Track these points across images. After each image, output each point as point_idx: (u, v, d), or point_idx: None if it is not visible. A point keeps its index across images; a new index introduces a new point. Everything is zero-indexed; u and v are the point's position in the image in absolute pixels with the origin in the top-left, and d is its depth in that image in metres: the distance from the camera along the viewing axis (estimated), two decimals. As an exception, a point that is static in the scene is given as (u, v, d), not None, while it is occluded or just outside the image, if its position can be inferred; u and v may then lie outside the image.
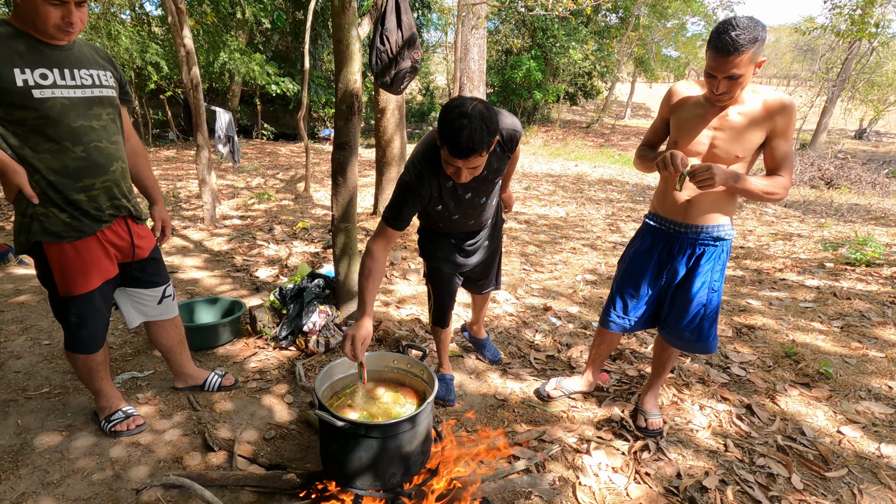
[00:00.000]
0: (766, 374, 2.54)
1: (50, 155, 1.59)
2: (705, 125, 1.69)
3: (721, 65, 1.50)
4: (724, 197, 1.75)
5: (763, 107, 1.62)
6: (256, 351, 2.69)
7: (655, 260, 1.92)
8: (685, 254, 1.84)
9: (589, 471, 1.86)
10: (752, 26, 1.45)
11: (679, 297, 1.88)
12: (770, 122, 1.62)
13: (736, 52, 1.46)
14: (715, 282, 1.83)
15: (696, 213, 1.78)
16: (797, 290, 3.72)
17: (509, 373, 2.57)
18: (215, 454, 1.90)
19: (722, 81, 1.54)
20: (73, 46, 1.62)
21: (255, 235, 4.96)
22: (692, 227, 1.80)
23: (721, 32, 1.48)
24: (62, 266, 1.68)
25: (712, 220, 1.78)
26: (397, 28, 2.56)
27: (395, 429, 1.42)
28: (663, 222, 1.89)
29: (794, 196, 8.88)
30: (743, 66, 1.49)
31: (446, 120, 1.47)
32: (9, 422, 2.03)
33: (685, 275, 1.86)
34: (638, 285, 1.97)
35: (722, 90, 1.57)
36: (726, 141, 1.67)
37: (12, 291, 3.36)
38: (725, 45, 1.46)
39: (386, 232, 1.76)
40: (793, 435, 2.08)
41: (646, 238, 1.95)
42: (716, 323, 1.89)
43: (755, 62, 1.52)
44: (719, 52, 1.49)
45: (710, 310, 1.85)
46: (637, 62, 22.70)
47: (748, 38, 1.45)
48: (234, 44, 10.96)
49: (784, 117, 1.61)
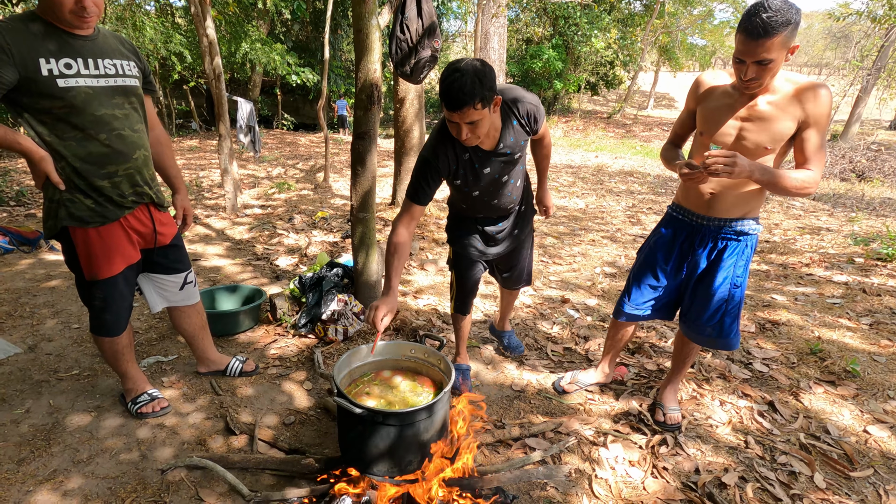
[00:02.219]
0: (789, 370, 2.49)
1: (75, 142, 1.63)
2: (732, 115, 1.62)
3: (751, 48, 1.43)
4: (750, 191, 1.69)
5: (794, 93, 1.53)
6: (276, 338, 2.73)
7: (677, 251, 1.88)
8: (706, 246, 1.80)
9: (605, 464, 1.85)
10: (785, 8, 1.38)
11: (700, 291, 1.84)
12: (801, 109, 1.53)
13: (766, 35, 1.38)
14: (738, 277, 1.78)
15: (720, 207, 1.73)
16: (824, 286, 3.62)
17: (526, 364, 2.57)
18: (237, 437, 1.95)
19: (751, 66, 1.47)
20: (97, 36, 1.65)
21: (275, 225, 5.03)
22: (715, 220, 1.75)
23: (752, 14, 1.40)
24: (87, 250, 1.73)
25: (737, 213, 1.72)
26: (417, 17, 2.54)
27: (412, 417, 1.43)
28: (686, 214, 1.84)
29: (824, 189, 8.61)
30: (774, 50, 1.41)
31: (442, 77, 1.54)
32: (42, 401, 2.11)
33: (706, 268, 1.81)
34: (656, 275, 1.94)
35: (751, 76, 1.48)
36: (754, 131, 1.59)
37: (44, 276, 3.48)
38: (756, 27, 1.39)
39: (409, 208, 1.80)
40: (816, 433, 2.03)
41: (668, 228, 1.91)
42: (738, 319, 1.85)
43: (787, 47, 1.43)
44: (749, 34, 1.41)
45: (731, 305, 1.81)
46: (661, 51, 22.18)
47: (781, 21, 1.37)
48: (256, 34, 11.05)
49: (816, 104, 1.51)
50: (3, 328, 2.73)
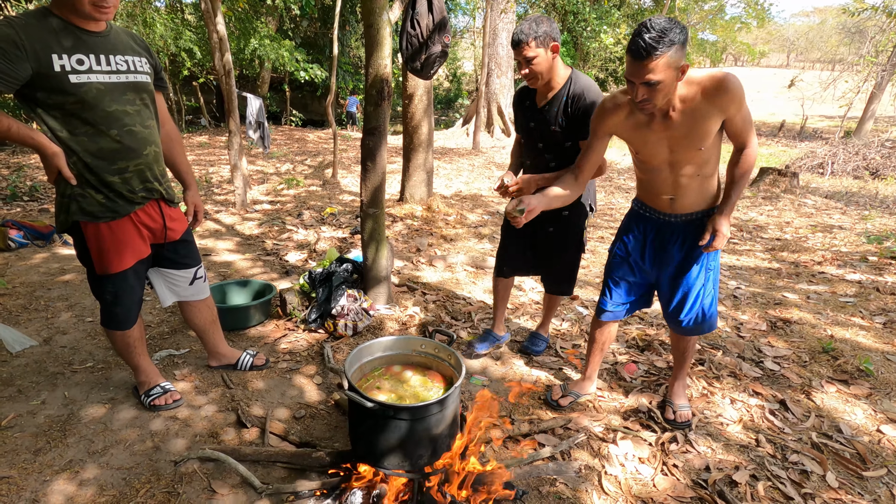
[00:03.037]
0: (801, 369, 2.47)
1: (86, 138, 1.64)
2: (654, 134, 1.65)
3: (636, 70, 1.44)
4: (707, 187, 1.75)
5: (703, 95, 1.53)
6: (286, 333, 2.75)
7: (649, 248, 1.92)
8: (677, 241, 1.84)
9: (615, 460, 1.85)
10: (668, 28, 1.38)
11: (679, 285, 1.87)
12: (714, 106, 1.53)
13: (649, 56, 1.39)
14: (711, 262, 1.85)
15: (682, 206, 1.78)
16: (837, 284, 3.58)
17: (535, 360, 2.57)
18: (248, 430, 1.96)
19: (640, 87, 1.47)
20: (109, 32, 1.67)
21: (284, 220, 5.05)
22: (681, 216, 1.81)
23: (636, 35, 1.41)
24: (98, 245, 1.75)
25: (701, 206, 1.78)
26: (428, 12, 2.53)
27: (423, 411, 1.44)
28: (652, 212, 1.88)
29: (836, 187, 8.50)
30: (659, 71, 1.41)
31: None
32: (57, 393, 2.14)
33: (681, 261, 1.86)
34: (632, 270, 1.98)
35: (641, 97, 1.49)
36: (682, 143, 1.62)
37: (58, 270, 3.52)
38: (639, 48, 1.39)
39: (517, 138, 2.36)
40: (829, 432, 2.01)
41: (637, 225, 1.94)
42: (716, 299, 1.91)
43: (675, 67, 1.43)
44: (634, 56, 1.42)
45: (709, 291, 1.87)
46: (671, 46, 21.91)
47: (663, 42, 1.37)
48: (264, 30, 11.08)
49: (726, 96, 1.51)
50: (20, 321, 2.77)
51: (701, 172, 1.69)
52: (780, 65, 42.91)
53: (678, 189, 1.74)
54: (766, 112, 22.33)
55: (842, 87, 14.91)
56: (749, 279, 3.79)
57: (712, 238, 1.71)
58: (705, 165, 1.68)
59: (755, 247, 4.80)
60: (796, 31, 41.81)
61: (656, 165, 1.72)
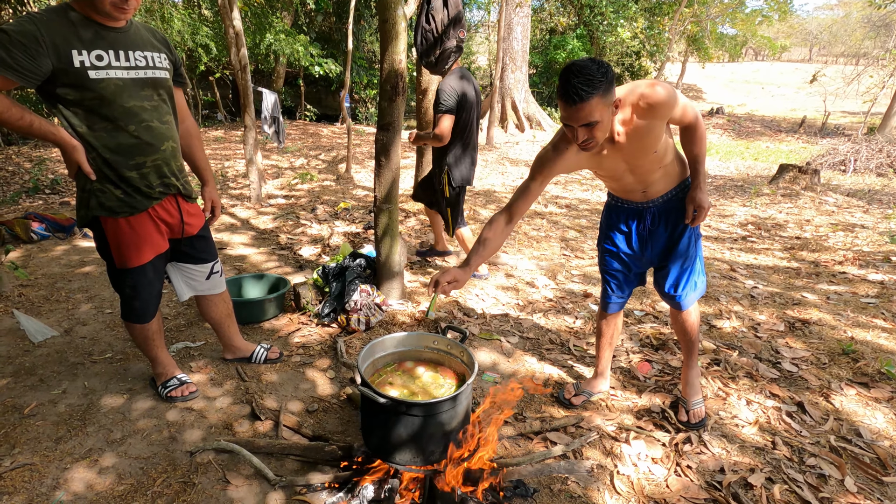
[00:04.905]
0: (820, 371, 2.42)
1: (105, 133, 1.66)
2: (606, 158, 1.68)
3: (572, 114, 1.44)
4: (670, 165, 1.77)
5: (639, 116, 1.55)
6: (300, 326, 2.78)
7: (635, 237, 1.94)
8: (660, 221, 1.88)
9: (627, 460, 1.83)
10: (594, 69, 1.38)
11: (674, 259, 1.90)
12: (653, 119, 1.56)
13: (582, 99, 1.39)
14: (695, 229, 1.89)
15: (654, 193, 1.83)
16: (858, 285, 3.51)
17: (547, 357, 2.55)
18: (262, 423, 1.99)
19: (579, 130, 1.47)
20: (129, 28, 1.68)
21: (298, 215, 5.09)
22: (657, 200, 1.85)
23: (564, 81, 1.40)
24: (117, 240, 1.78)
25: (673, 184, 1.83)
26: (443, 6, 2.52)
27: (436, 407, 1.44)
28: (628, 203, 1.91)
29: (858, 184, 8.31)
30: (596, 112, 1.42)
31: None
32: (77, 383, 2.19)
33: (669, 237, 1.89)
34: (626, 265, 2.01)
35: (583, 138, 1.49)
36: (634, 154, 1.66)
37: (78, 262, 3.59)
38: (569, 94, 1.39)
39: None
40: (847, 436, 1.98)
41: (619, 217, 1.96)
42: (702, 261, 1.97)
43: (609, 104, 1.45)
44: (566, 101, 1.42)
45: (697, 256, 1.92)
46: (690, 41, 21.56)
47: (592, 84, 1.37)
48: (280, 25, 11.12)
49: (661, 109, 1.53)
50: (41, 311, 2.83)
51: (662, 164, 1.74)
52: (801, 59, 41.92)
53: (646, 183, 1.80)
54: (786, 108, 21.87)
55: (866, 83, 14.53)
56: (767, 278, 3.73)
57: (696, 213, 1.78)
58: (664, 158, 1.73)
59: (773, 245, 4.71)
60: (819, 25, 40.75)
61: (618, 176, 1.78)
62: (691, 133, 1.76)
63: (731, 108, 21.32)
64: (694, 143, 1.77)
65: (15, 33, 1.46)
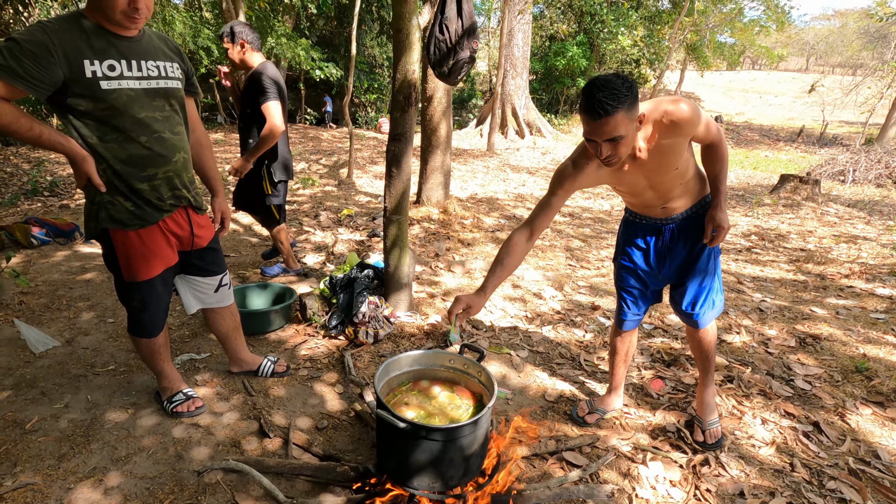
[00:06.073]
0: (833, 389, 2.40)
1: (116, 145, 1.62)
2: (627, 174, 1.66)
3: (596, 129, 1.41)
4: (691, 181, 1.75)
5: (662, 134, 1.54)
6: (306, 338, 2.73)
7: (653, 253, 1.91)
8: (679, 238, 1.85)
9: (646, 482, 1.80)
10: (618, 84, 1.36)
11: (693, 277, 1.86)
12: (677, 136, 1.54)
13: (606, 114, 1.37)
14: (714, 248, 1.85)
15: (673, 210, 1.81)
16: (866, 299, 3.49)
17: (558, 373, 2.52)
18: (270, 440, 1.94)
19: (603, 145, 1.45)
20: (142, 37, 1.65)
21: (301, 221, 5.05)
22: (677, 217, 1.83)
23: (588, 96, 1.38)
24: (127, 253, 1.73)
25: (693, 201, 1.81)
26: (457, 16, 2.49)
27: (457, 432, 1.40)
28: (646, 219, 1.89)
29: (859, 195, 8.34)
30: (621, 127, 1.39)
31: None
32: (80, 396, 2.13)
33: (688, 253, 1.86)
34: (644, 282, 1.98)
35: (606, 154, 1.47)
36: (655, 171, 1.64)
37: (79, 269, 3.54)
38: (594, 109, 1.37)
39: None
40: (866, 458, 1.95)
41: (637, 234, 1.94)
42: (721, 278, 1.94)
43: (633, 119, 1.43)
44: (591, 116, 1.39)
45: (715, 274, 1.89)
46: (689, 49, 21.69)
47: (617, 98, 1.35)
48: (281, 28, 11.09)
49: (685, 128, 1.51)
50: (42, 320, 2.78)
51: (683, 180, 1.72)
52: (798, 69, 42.26)
53: (666, 199, 1.77)
54: (784, 117, 22.00)
55: (864, 93, 14.63)
56: (774, 292, 3.71)
57: (714, 232, 1.75)
58: (685, 174, 1.71)
59: (779, 257, 4.70)
60: (816, 35, 41.11)
61: (638, 191, 1.76)
62: (714, 151, 1.74)
63: (730, 117, 21.44)
64: (716, 162, 1.75)
65: (25, 42, 1.42)
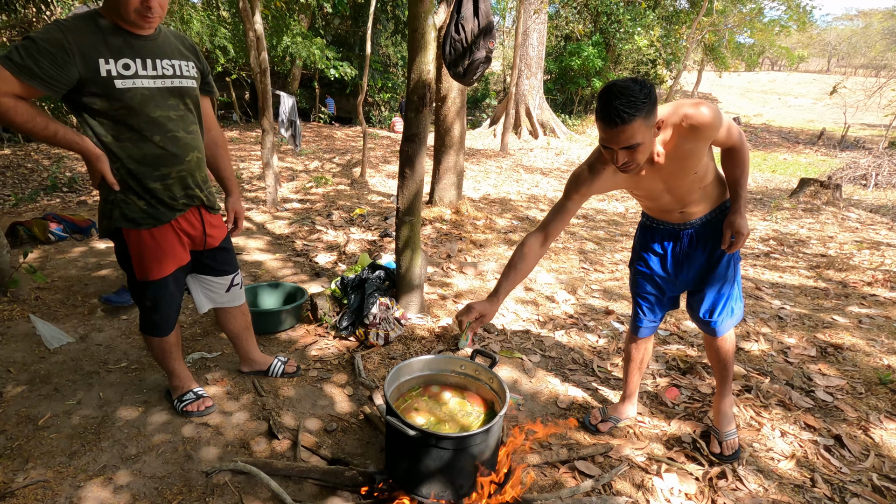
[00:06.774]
0: (856, 401, 2.32)
1: (130, 144, 1.62)
2: (645, 179, 1.62)
3: (613, 137, 1.36)
4: (709, 192, 1.72)
5: (681, 138, 1.48)
6: (317, 339, 2.72)
7: (671, 259, 1.86)
8: (698, 244, 1.81)
9: (660, 495, 1.75)
10: (636, 90, 1.31)
11: (712, 283, 1.82)
12: (697, 141, 1.49)
13: (623, 122, 1.32)
14: (734, 254, 1.80)
15: (691, 215, 1.77)
16: (891, 308, 3.39)
17: (571, 379, 2.48)
18: (279, 442, 1.93)
19: (620, 152, 1.40)
20: (157, 36, 1.64)
21: (314, 220, 5.05)
22: (695, 222, 1.79)
23: (605, 103, 1.33)
24: (139, 252, 1.73)
25: (711, 206, 1.76)
26: (474, 16, 2.46)
27: (468, 441, 1.37)
28: (665, 224, 1.84)
29: (882, 200, 8.14)
30: (638, 134, 1.35)
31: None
32: (92, 393, 2.15)
33: (707, 259, 1.81)
34: (661, 288, 1.94)
35: (623, 161, 1.42)
36: (674, 176, 1.60)
37: (95, 265, 3.57)
38: (611, 116, 1.32)
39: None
40: (891, 474, 1.88)
41: (654, 239, 1.89)
42: (741, 285, 1.90)
43: (651, 125, 1.38)
44: (607, 123, 1.34)
45: (735, 281, 1.84)
46: (707, 50, 21.36)
47: (634, 105, 1.30)
48: (297, 28, 11.15)
49: (705, 132, 1.46)
50: (57, 316, 2.81)
51: (702, 185, 1.67)
52: (819, 70, 41.43)
53: (684, 204, 1.72)
54: (804, 119, 21.60)
55: (888, 95, 14.29)
56: (793, 299, 3.62)
57: (733, 238, 1.69)
58: (704, 179, 1.66)
59: (798, 263, 4.59)
60: (838, 36, 40.27)
61: (655, 196, 1.71)
62: (734, 156, 1.68)
63: (748, 119, 21.10)
64: (736, 166, 1.69)
65: (42, 41, 1.42)
